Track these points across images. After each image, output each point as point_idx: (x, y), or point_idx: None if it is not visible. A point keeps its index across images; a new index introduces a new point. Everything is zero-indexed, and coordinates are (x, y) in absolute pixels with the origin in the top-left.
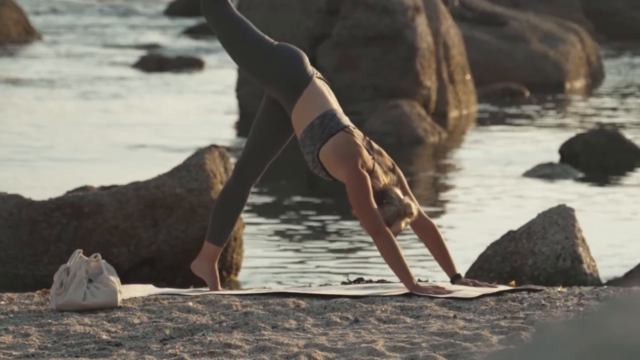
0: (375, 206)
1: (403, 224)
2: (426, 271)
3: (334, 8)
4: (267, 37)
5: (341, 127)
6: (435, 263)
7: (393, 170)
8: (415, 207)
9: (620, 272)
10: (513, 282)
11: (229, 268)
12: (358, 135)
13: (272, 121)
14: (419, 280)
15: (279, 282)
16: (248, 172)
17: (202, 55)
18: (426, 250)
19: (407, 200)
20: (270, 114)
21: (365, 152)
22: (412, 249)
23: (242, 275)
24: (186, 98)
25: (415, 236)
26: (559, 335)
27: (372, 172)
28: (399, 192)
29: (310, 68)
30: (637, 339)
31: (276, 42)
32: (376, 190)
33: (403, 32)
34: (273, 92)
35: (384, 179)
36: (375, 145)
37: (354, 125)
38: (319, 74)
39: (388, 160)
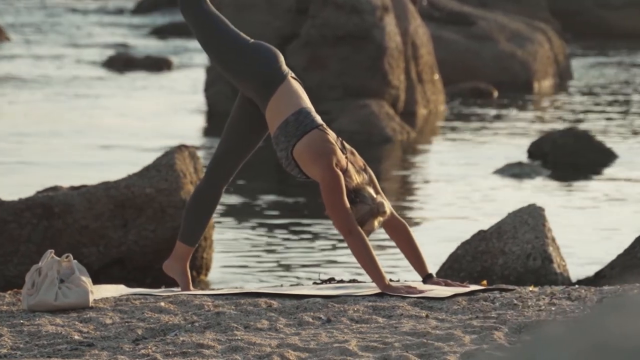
0: (348, 205)
1: (376, 223)
2: (398, 271)
3: (303, 7)
4: (243, 34)
5: (316, 125)
6: (407, 263)
7: (365, 170)
8: (387, 206)
9: (590, 271)
10: (484, 282)
11: (199, 268)
12: (331, 134)
13: (245, 121)
14: (391, 280)
15: (250, 282)
16: (221, 172)
17: (170, 55)
18: (398, 250)
19: (379, 199)
20: (244, 113)
21: (339, 151)
22: (384, 249)
23: (212, 276)
24: (155, 98)
25: (387, 236)
26: (556, 336)
27: (345, 172)
28: (371, 191)
29: (285, 67)
30: (635, 340)
31: (252, 40)
32: (349, 189)
33: (371, 32)
34: (247, 90)
35: (357, 178)
36: (347, 145)
37: (326, 125)
38: (293, 74)
39: (360, 160)
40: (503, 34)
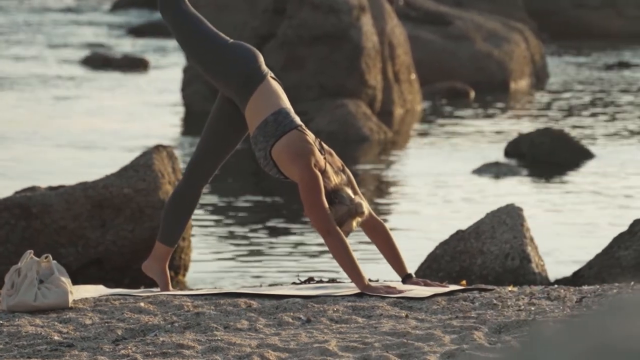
0: (327, 206)
1: (354, 224)
2: (377, 271)
3: (280, 8)
4: (222, 35)
5: (295, 126)
6: (387, 263)
7: (343, 171)
8: (366, 206)
9: (568, 271)
10: (464, 282)
11: (177, 268)
12: (310, 135)
13: (224, 121)
14: (370, 280)
15: (229, 283)
16: (200, 173)
17: (147, 55)
18: (377, 250)
19: (357, 199)
20: (223, 113)
21: (317, 152)
22: (362, 249)
23: (190, 276)
24: (132, 98)
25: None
26: (557, 337)
27: (323, 172)
28: (349, 191)
29: (264, 67)
30: (636, 341)
31: (231, 40)
32: (327, 189)
33: (348, 32)
34: (227, 90)
35: (335, 178)
36: (326, 146)
37: (305, 126)
38: (272, 74)
39: (338, 160)
40: (479, 34)
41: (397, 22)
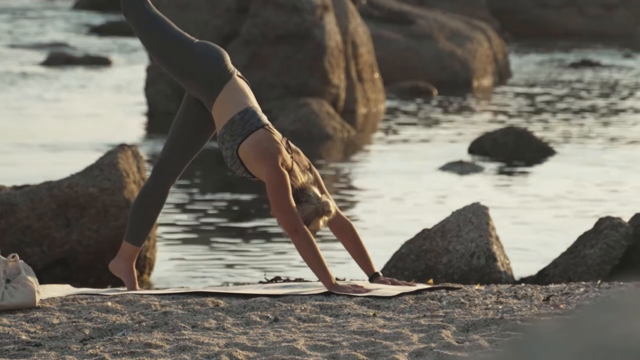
0: (294, 205)
1: (321, 223)
2: (345, 270)
3: (243, 7)
4: (187, 34)
5: (262, 125)
6: (354, 262)
7: (310, 170)
8: (333, 205)
9: (533, 269)
10: (431, 281)
11: (142, 267)
12: (277, 134)
13: (191, 120)
14: (337, 279)
15: (195, 282)
16: (167, 172)
17: (110, 54)
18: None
19: (324, 198)
20: (191, 113)
21: (284, 151)
22: (330, 248)
23: (155, 275)
24: (94, 97)
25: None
26: (554, 336)
27: (290, 171)
28: (316, 190)
29: (231, 66)
30: (633, 340)
31: (197, 40)
32: (294, 188)
33: (312, 31)
34: (194, 90)
35: (302, 177)
36: (293, 145)
37: (272, 125)
38: (239, 73)
39: (305, 159)
40: (442, 33)
41: (360, 21)
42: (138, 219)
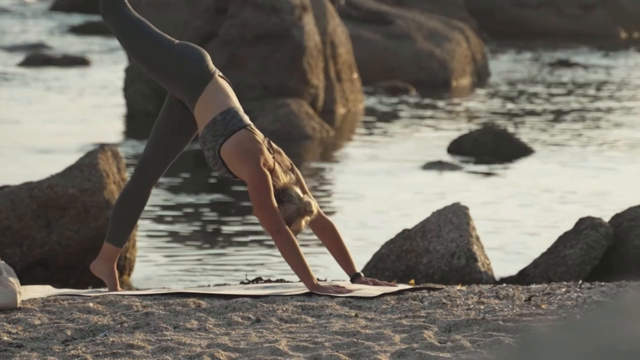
0: (276, 205)
1: (303, 223)
2: (326, 271)
3: (222, 7)
4: (167, 36)
5: (243, 125)
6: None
7: (292, 170)
8: (315, 205)
9: (513, 269)
10: (412, 281)
11: (122, 268)
12: (259, 134)
13: (174, 121)
14: (318, 280)
15: (175, 282)
16: (149, 172)
17: (88, 54)
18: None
19: (306, 198)
20: (173, 114)
21: (266, 151)
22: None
23: (135, 276)
24: (73, 97)
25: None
26: (558, 338)
27: (272, 171)
28: (298, 190)
29: (212, 66)
30: (638, 343)
31: (177, 41)
32: (276, 189)
33: (290, 31)
34: (176, 91)
35: (284, 178)
36: (275, 145)
37: (254, 125)
38: (220, 73)
39: (287, 159)
40: (421, 33)
41: (339, 21)
42: (119, 219)
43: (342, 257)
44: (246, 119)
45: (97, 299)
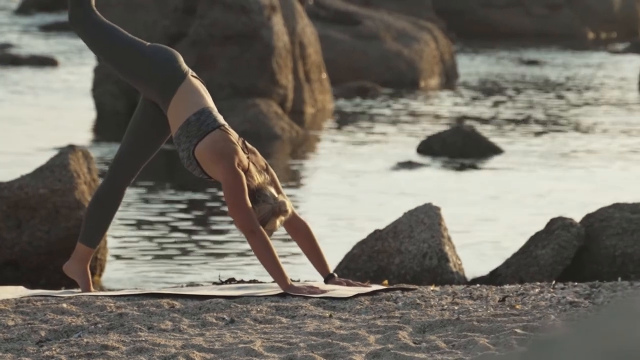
0: (250, 206)
1: (278, 222)
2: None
3: (191, 7)
4: (138, 39)
5: (217, 125)
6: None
7: (266, 170)
8: (289, 205)
9: (485, 269)
10: (386, 282)
11: (93, 269)
12: (233, 134)
13: (147, 123)
14: (292, 280)
15: (147, 283)
16: (122, 173)
17: (56, 54)
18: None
19: (281, 198)
20: (146, 115)
21: (240, 151)
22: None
23: (107, 276)
24: (41, 98)
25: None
26: (569, 341)
27: (247, 172)
28: (273, 190)
29: (185, 66)
30: None
31: (148, 44)
32: (251, 189)
33: (260, 31)
34: (149, 93)
35: (258, 178)
36: (249, 145)
37: (228, 125)
38: (194, 73)
39: (261, 160)
40: (389, 33)
41: (307, 21)
42: (93, 220)
43: (316, 257)
44: (220, 119)
45: (70, 299)
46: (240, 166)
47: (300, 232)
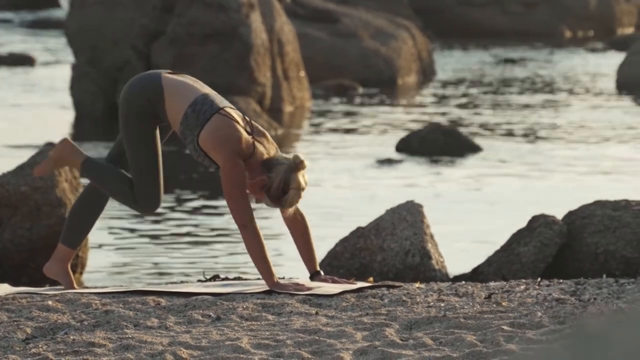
0: (246, 199)
1: (301, 179)
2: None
3: (169, 5)
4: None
5: (215, 110)
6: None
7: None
8: (304, 157)
9: (467, 267)
10: (371, 279)
11: (74, 267)
12: (237, 115)
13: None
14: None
15: (127, 281)
16: None
17: (33, 52)
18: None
19: (294, 154)
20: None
21: (244, 134)
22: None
23: (88, 274)
24: (18, 96)
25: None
26: (607, 334)
27: (253, 153)
28: (285, 155)
29: (156, 71)
30: None
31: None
32: (262, 162)
33: (238, 29)
34: (160, 121)
35: (269, 152)
36: (260, 128)
37: (231, 105)
38: (169, 71)
39: (273, 145)
40: (367, 31)
41: (286, 19)
42: (76, 222)
43: (307, 253)
44: (218, 101)
45: (55, 297)
46: (245, 147)
47: (298, 225)
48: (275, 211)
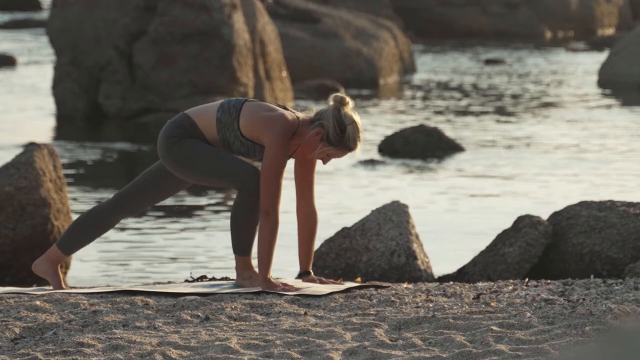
0: (280, 188)
1: (350, 111)
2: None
3: (151, 5)
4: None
5: (243, 101)
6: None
7: None
8: (344, 93)
9: (452, 267)
10: (359, 279)
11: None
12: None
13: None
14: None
15: (114, 281)
16: (127, 208)
17: (14, 52)
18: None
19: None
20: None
21: (286, 112)
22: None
23: (71, 274)
24: (0, 96)
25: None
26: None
27: (298, 120)
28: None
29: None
30: None
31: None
32: (309, 119)
33: (220, 29)
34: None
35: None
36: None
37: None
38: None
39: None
40: (348, 32)
41: (268, 19)
42: (79, 233)
43: (307, 250)
44: (240, 98)
45: (43, 297)
46: (291, 122)
47: (309, 221)
48: (287, 214)
